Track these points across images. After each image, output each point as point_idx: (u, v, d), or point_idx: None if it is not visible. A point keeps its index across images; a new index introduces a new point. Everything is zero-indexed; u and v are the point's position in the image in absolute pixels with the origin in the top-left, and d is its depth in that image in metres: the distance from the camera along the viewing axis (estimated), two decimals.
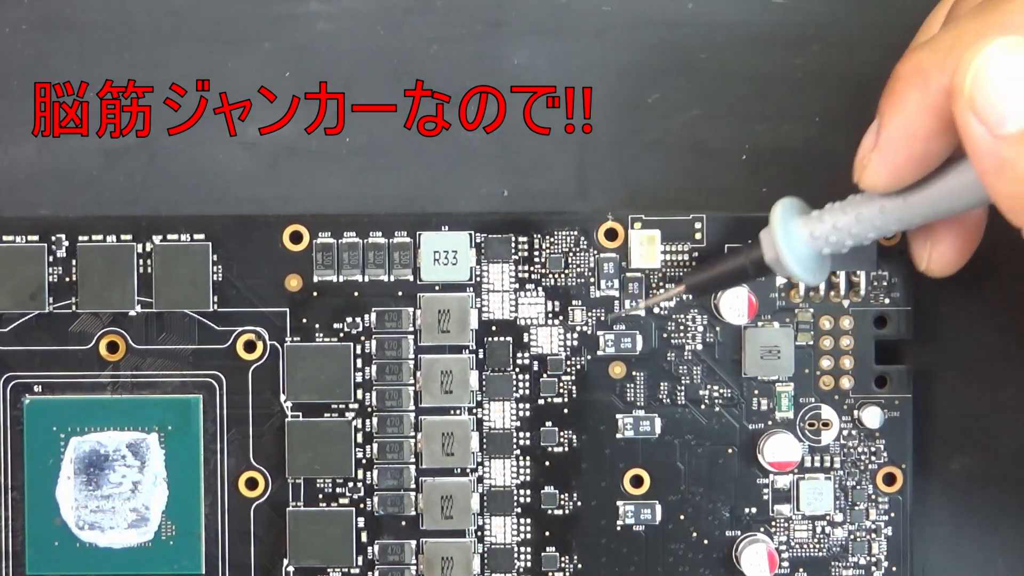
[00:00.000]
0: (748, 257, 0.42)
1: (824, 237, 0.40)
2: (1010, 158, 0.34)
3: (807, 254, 0.40)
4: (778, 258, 0.40)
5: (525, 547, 0.46)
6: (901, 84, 0.38)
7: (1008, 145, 0.34)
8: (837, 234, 0.40)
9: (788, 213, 0.41)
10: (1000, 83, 0.34)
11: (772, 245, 0.41)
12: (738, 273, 0.42)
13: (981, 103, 0.34)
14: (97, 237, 0.45)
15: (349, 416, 0.45)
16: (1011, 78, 0.34)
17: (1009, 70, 0.34)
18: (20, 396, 0.45)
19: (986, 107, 0.34)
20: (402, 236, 0.45)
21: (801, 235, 0.40)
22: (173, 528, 0.45)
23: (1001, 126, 0.34)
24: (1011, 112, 0.34)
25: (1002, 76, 0.34)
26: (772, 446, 0.45)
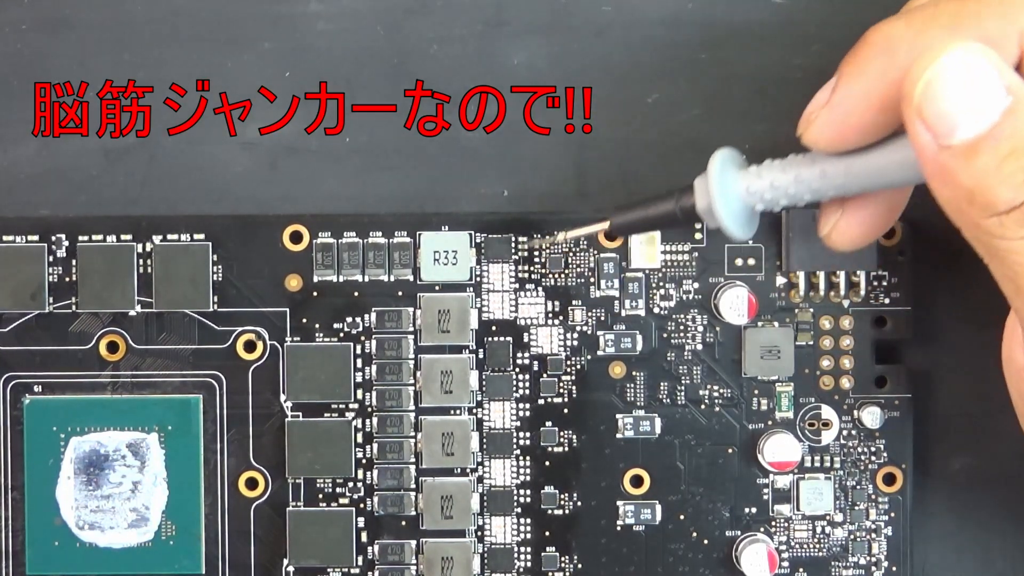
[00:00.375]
0: (678, 203, 0.41)
1: (759, 193, 0.39)
2: (952, 168, 0.35)
3: (740, 208, 0.40)
4: (710, 208, 0.40)
5: (525, 547, 0.46)
6: (867, 50, 0.38)
7: (952, 155, 0.35)
8: (773, 192, 0.39)
9: (726, 164, 0.40)
10: (949, 95, 0.35)
11: (705, 194, 0.40)
12: (666, 218, 0.41)
13: (929, 112, 0.35)
14: (97, 237, 0.45)
15: (349, 416, 0.45)
16: (961, 91, 0.35)
17: (960, 83, 0.35)
18: (20, 396, 0.45)
19: (934, 117, 0.35)
20: (402, 236, 0.45)
21: (737, 188, 0.40)
22: (173, 528, 0.45)
23: (947, 137, 0.35)
24: (958, 125, 0.35)
25: (952, 88, 0.35)
26: (772, 446, 0.45)
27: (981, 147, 0.35)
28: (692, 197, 0.40)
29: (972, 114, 0.35)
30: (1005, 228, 0.35)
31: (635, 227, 0.42)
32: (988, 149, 0.35)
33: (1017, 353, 0.40)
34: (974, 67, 0.35)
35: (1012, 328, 0.41)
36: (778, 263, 0.45)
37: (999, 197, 0.35)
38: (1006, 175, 0.34)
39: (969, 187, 0.35)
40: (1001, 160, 0.34)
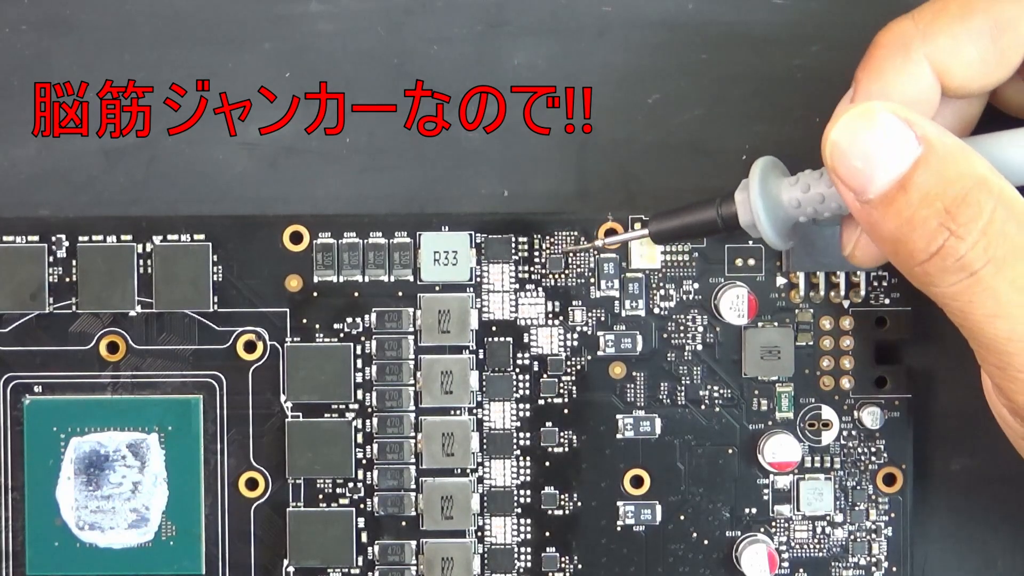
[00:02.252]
0: (719, 211, 0.41)
1: (801, 205, 0.39)
2: (875, 221, 0.36)
3: (781, 218, 0.40)
4: (751, 217, 0.40)
5: (525, 547, 0.46)
6: (880, 51, 0.38)
7: (872, 210, 0.36)
8: (811, 202, 0.39)
9: (767, 172, 0.40)
10: (855, 154, 0.36)
11: (747, 203, 0.40)
12: (707, 226, 0.41)
13: (842, 171, 0.36)
14: (97, 237, 0.45)
15: (349, 416, 0.45)
16: (864, 148, 0.36)
17: (862, 141, 0.36)
18: (20, 396, 0.45)
19: (847, 177, 0.36)
20: (402, 236, 0.45)
21: (778, 197, 0.40)
22: (173, 528, 0.45)
23: (863, 193, 0.36)
24: (871, 178, 0.36)
25: (856, 147, 0.36)
26: (772, 446, 0.45)
27: (895, 198, 0.35)
28: (733, 205, 0.40)
29: (881, 167, 0.35)
30: (931, 276, 0.36)
31: (675, 234, 0.42)
32: (900, 198, 0.35)
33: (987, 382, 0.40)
34: (880, 120, 0.35)
35: None
36: (778, 263, 0.45)
37: (917, 245, 0.36)
38: (919, 222, 0.35)
39: (892, 238, 0.36)
40: (915, 207, 0.35)
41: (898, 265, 0.37)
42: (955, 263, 0.35)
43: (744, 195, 0.40)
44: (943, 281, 0.36)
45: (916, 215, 0.35)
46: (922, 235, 0.35)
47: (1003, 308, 0.36)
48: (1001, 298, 0.35)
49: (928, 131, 0.35)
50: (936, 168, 0.35)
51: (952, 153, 0.35)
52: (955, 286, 0.36)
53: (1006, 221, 0.35)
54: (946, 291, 0.36)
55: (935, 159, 0.35)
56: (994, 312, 0.36)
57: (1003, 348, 0.36)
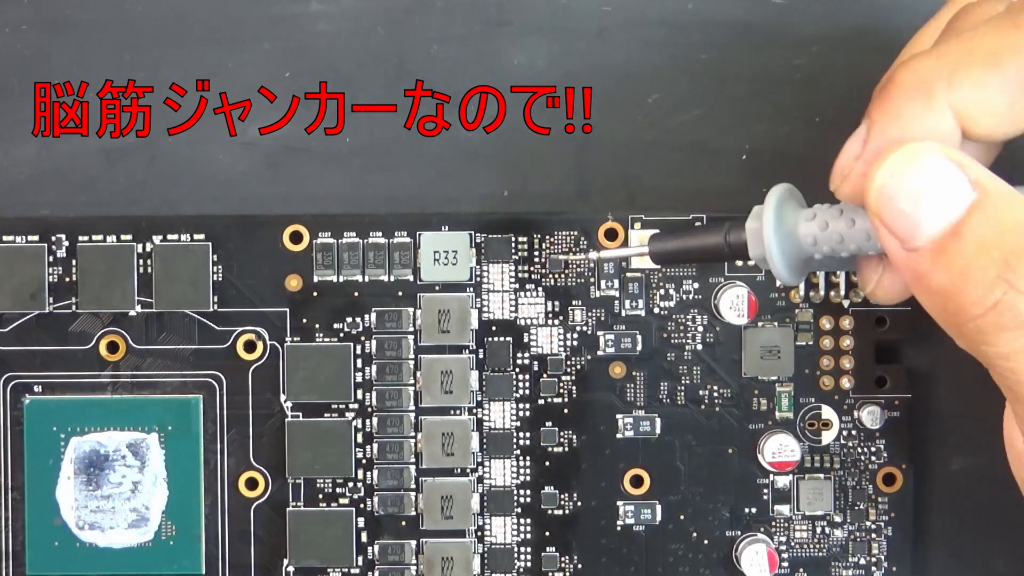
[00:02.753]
0: (727, 239, 0.39)
1: (818, 243, 0.37)
2: (923, 271, 0.33)
3: (795, 255, 0.38)
4: (763, 254, 0.38)
5: (525, 547, 0.46)
6: (899, 93, 0.35)
7: (920, 258, 0.33)
8: (832, 243, 0.37)
9: (782, 205, 0.38)
10: (904, 198, 0.33)
11: (759, 236, 0.38)
12: (712, 254, 0.40)
13: (888, 216, 0.34)
14: (97, 237, 0.45)
15: (349, 416, 0.45)
16: (918, 189, 0.33)
17: (916, 180, 0.33)
18: (20, 396, 0.45)
19: (894, 222, 0.33)
20: (402, 236, 0.45)
21: (794, 234, 0.38)
22: (173, 528, 0.45)
23: (911, 240, 0.33)
24: (920, 225, 0.33)
25: (908, 188, 0.33)
26: (772, 446, 0.45)
27: (947, 246, 0.33)
28: (743, 234, 0.39)
29: (932, 212, 0.33)
30: (984, 334, 0.33)
31: (677, 257, 0.41)
32: (953, 247, 0.33)
33: (1018, 441, 0.38)
34: (931, 164, 0.33)
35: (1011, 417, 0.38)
36: None
37: (970, 298, 0.33)
38: (974, 273, 0.32)
39: (942, 290, 0.33)
40: (971, 256, 0.32)
41: (944, 321, 0.34)
42: (1013, 319, 0.32)
43: (756, 225, 0.38)
44: (998, 339, 0.33)
45: (971, 265, 0.32)
46: (977, 287, 0.32)
47: None
48: None
49: (981, 176, 0.33)
50: (992, 214, 0.32)
51: (1007, 199, 0.33)
52: (1011, 344, 0.33)
53: None
54: (1000, 350, 0.33)
55: (990, 205, 0.33)
56: None
57: None
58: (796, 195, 0.39)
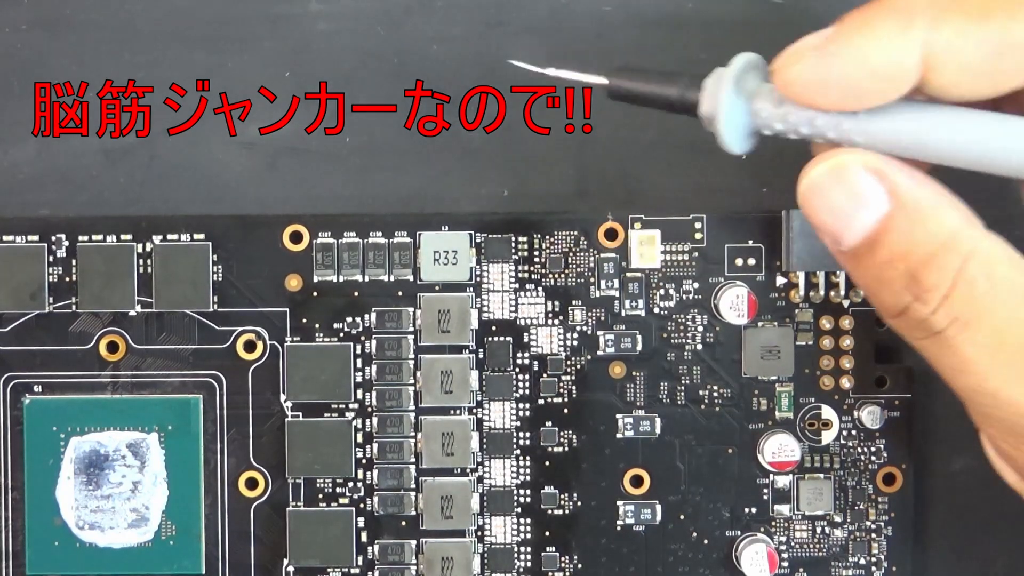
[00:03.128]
0: (681, 94, 0.38)
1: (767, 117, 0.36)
2: (851, 270, 0.36)
3: (743, 124, 0.37)
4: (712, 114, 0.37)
5: (525, 547, 0.46)
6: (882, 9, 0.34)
7: (848, 259, 0.36)
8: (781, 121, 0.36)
9: (746, 72, 0.37)
10: (825, 210, 0.35)
11: (714, 97, 0.37)
12: (665, 101, 0.38)
13: (815, 221, 0.36)
14: (97, 237, 0.45)
15: (349, 416, 0.45)
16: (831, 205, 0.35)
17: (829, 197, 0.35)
18: (20, 396, 0.45)
19: (819, 225, 0.36)
20: (402, 236, 0.45)
21: (748, 104, 0.37)
22: (173, 528, 0.45)
23: (836, 244, 0.36)
24: (841, 232, 0.35)
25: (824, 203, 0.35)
26: (772, 446, 0.45)
27: (862, 255, 0.35)
28: (696, 95, 0.37)
29: (851, 223, 0.35)
30: (900, 330, 0.36)
31: (632, 96, 0.39)
32: (866, 257, 0.35)
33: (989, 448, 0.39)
34: (850, 172, 0.35)
35: None
36: (778, 263, 0.45)
37: (882, 303, 0.36)
38: (886, 282, 0.35)
39: (864, 288, 0.36)
40: (880, 267, 0.35)
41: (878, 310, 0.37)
42: (919, 324, 0.35)
43: (714, 85, 0.37)
44: (911, 336, 0.36)
45: (882, 274, 0.35)
46: (889, 295, 0.35)
47: (968, 365, 0.35)
48: (966, 356, 0.35)
49: (900, 185, 0.34)
50: (903, 228, 0.34)
51: (922, 209, 0.34)
52: (922, 341, 0.36)
53: (975, 279, 0.34)
54: (915, 344, 0.36)
55: (903, 218, 0.34)
56: (960, 369, 0.35)
57: (973, 399, 0.36)
58: (762, 68, 0.37)
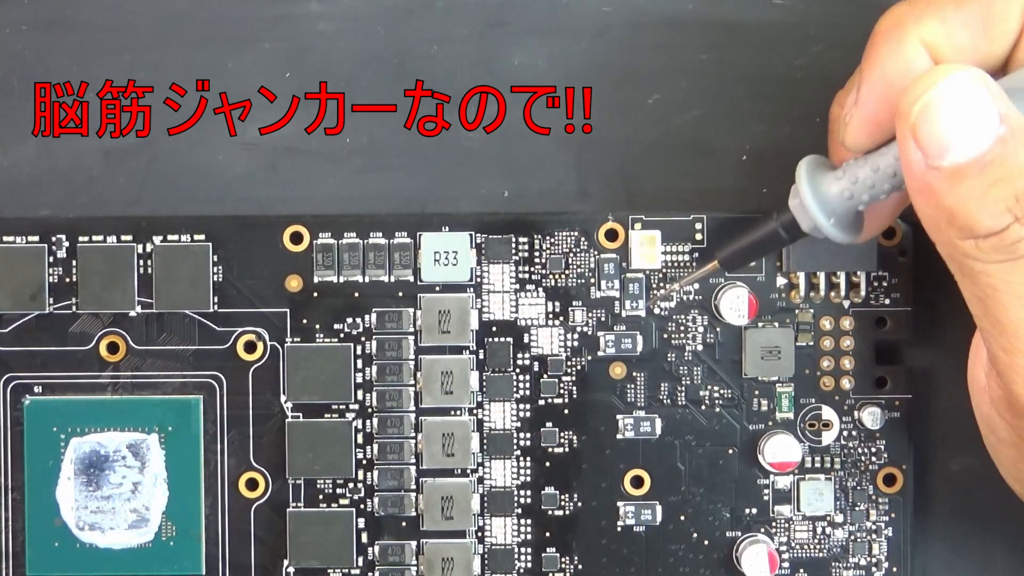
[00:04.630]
0: (781, 225, 0.41)
1: (854, 196, 0.39)
2: (937, 188, 0.36)
3: (840, 214, 0.40)
4: (814, 225, 0.40)
5: (525, 548, 0.46)
6: (878, 38, 0.39)
7: (939, 176, 0.36)
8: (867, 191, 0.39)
9: (812, 175, 0.40)
10: (945, 119, 0.36)
11: (803, 211, 0.40)
12: (770, 239, 0.41)
13: (924, 133, 0.36)
14: (97, 237, 0.45)
15: (349, 417, 0.45)
16: (956, 115, 0.35)
17: (956, 107, 0.35)
18: (20, 397, 0.45)
19: (927, 138, 0.36)
20: (402, 237, 0.45)
21: (829, 196, 0.39)
22: (173, 529, 0.45)
23: (937, 158, 0.36)
24: (949, 148, 0.35)
25: (948, 112, 0.35)
26: (772, 447, 0.45)
27: (968, 172, 0.35)
28: (790, 214, 0.40)
29: (964, 139, 0.35)
30: (981, 251, 0.36)
31: (744, 256, 0.42)
32: (975, 175, 0.35)
33: (979, 373, 0.41)
34: (972, 94, 0.35)
35: (976, 349, 0.41)
36: (778, 264, 0.45)
37: (980, 222, 0.36)
38: (989, 202, 0.35)
39: (951, 208, 0.36)
40: (987, 187, 0.35)
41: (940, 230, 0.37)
42: (1011, 246, 0.36)
43: (797, 201, 0.40)
44: (990, 258, 0.36)
45: (987, 194, 0.35)
46: (988, 214, 0.35)
47: None
48: None
49: (1010, 112, 0.35)
50: (1014, 151, 0.35)
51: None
52: (999, 264, 0.36)
53: None
54: (986, 267, 0.36)
55: (1014, 142, 0.35)
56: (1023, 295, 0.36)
57: (1020, 332, 0.37)
58: (822, 161, 0.40)
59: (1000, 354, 0.38)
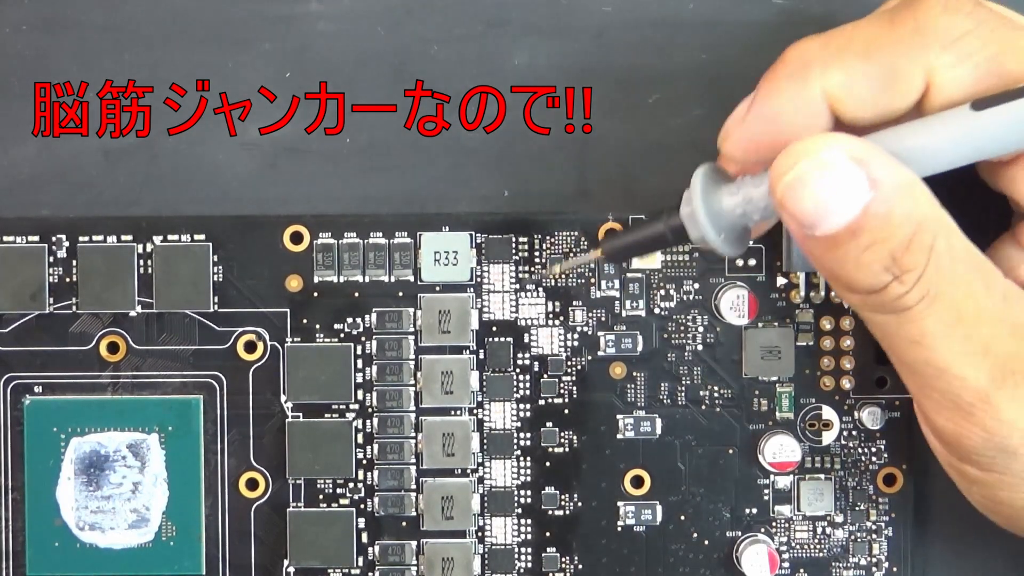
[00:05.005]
0: (667, 224, 0.40)
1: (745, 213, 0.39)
2: (815, 254, 0.37)
3: (729, 228, 0.39)
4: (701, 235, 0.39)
5: (526, 548, 0.46)
6: (782, 68, 0.39)
7: (815, 244, 0.36)
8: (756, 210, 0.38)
9: (707, 186, 0.39)
10: (812, 194, 0.36)
11: (693, 220, 0.39)
12: (657, 240, 0.40)
13: (792, 209, 0.36)
14: (97, 237, 0.45)
15: (350, 417, 0.45)
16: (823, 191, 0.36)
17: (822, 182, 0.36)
18: (20, 397, 0.45)
19: (797, 213, 0.36)
20: (402, 236, 0.45)
21: (721, 210, 0.39)
22: (173, 529, 0.45)
23: (811, 229, 0.36)
24: (819, 220, 0.36)
25: (815, 188, 0.36)
26: (773, 447, 0.45)
27: (840, 240, 0.36)
28: (678, 218, 0.40)
29: (832, 211, 0.36)
30: (868, 306, 0.37)
31: (629, 251, 0.42)
32: (847, 241, 0.36)
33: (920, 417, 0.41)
34: (836, 167, 0.35)
35: None
36: (779, 264, 0.45)
37: (859, 283, 0.36)
38: (865, 265, 0.36)
39: (831, 270, 0.37)
40: (861, 251, 0.36)
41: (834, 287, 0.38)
42: (892, 301, 0.36)
43: (688, 210, 0.39)
44: (877, 312, 0.37)
45: (862, 259, 0.36)
46: (866, 276, 0.36)
47: (926, 339, 0.37)
48: (926, 330, 0.37)
49: (879, 172, 0.35)
50: (884, 213, 0.35)
51: (901, 194, 0.36)
52: (885, 316, 0.37)
53: (941, 255, 0.36)
54: (874, 318, 0.38)
55: (884, 203, 0.35)
56: (918, 341, 0.37)
57: (923, 371, 0.37)
58: (719, 172, 0.40)
59: (913, 388, 0.39)
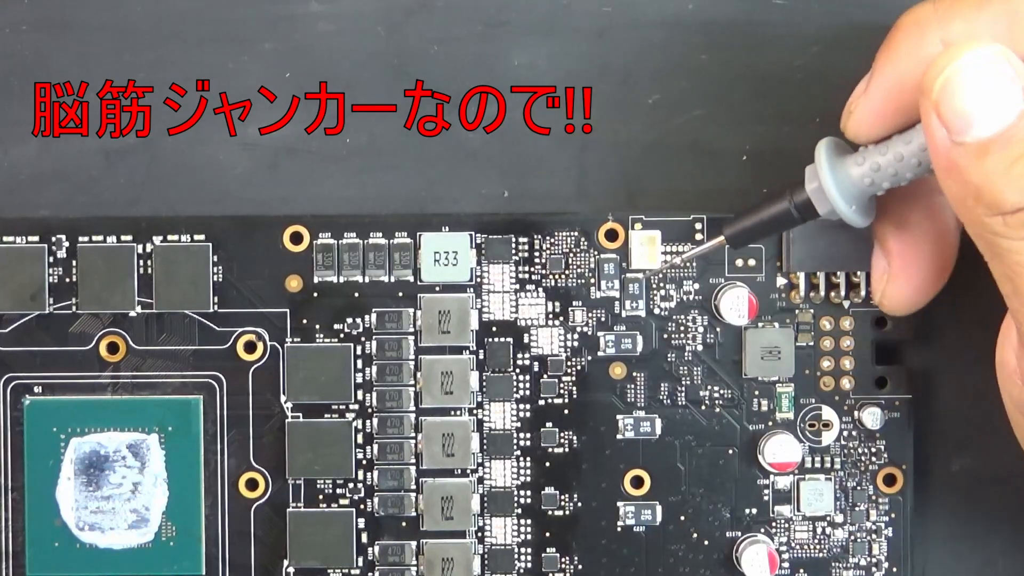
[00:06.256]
0: (795, 205, 0.40)
1: (875, 182, 0.39)
2: (963, 164, 0.36)
3: (857, 198, 0.39)
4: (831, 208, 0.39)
5: (525, 548, 0.46)
6: (899, 34, 0.38)
7: (963, 152, 0.35)
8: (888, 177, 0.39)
9: (832, 158, 0.40)
10: (967, 94, 0.35)
11: (821, 194, 0.39)
12: (782, 219, 0.41)
13: (946, 109, 0.35)
14: (97, 238, 0.45)
15: (349, 417, 0.45)
16: (979, 90, 0.35)
17: (979, 82, 0.35)
18: (20, 397, 0.45)
19: (950, 114, 0.35)
20: (402, 237, 0.45)
21: (849, 180, 0.39)
22: (173, 529, 0.45)
23: (961, 134, 0.35)
24: (972, 123, 0.35)
25: (970, 87, 0.35)
26: (772, 447, 0.45)
27: (993, 147, 0.35)
28: (805, 195, 0.40)
29: (987, 114, 0.35)
30: (1009, 228, 0.36)
31: (753, 233, 0.42)
32: (999, 150, 0.35)
33: (1009, 356, 0.40)
34: (994, 68, 0.35)
35: (1006, 331, 0.41)
36: (778, 264, 0.45)
37: (1006, 198, 0.35)
38: (1015, 177, 0.35)
39: (977, 185, 0.35)
40: (1011, 162, 0.35)
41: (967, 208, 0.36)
42: None
43: (815, 184, 0.40)
44: (1017, 235, 0.36)
45: (1014, 168, 0.35)
46: (1016, 189, 0.35)
47: None
48: None
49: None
50: None
51: None
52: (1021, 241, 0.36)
53: None
54: (1013, 244, 0.36)
55: None
56: None
57: None
58: (840, 145, 0.40)
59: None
